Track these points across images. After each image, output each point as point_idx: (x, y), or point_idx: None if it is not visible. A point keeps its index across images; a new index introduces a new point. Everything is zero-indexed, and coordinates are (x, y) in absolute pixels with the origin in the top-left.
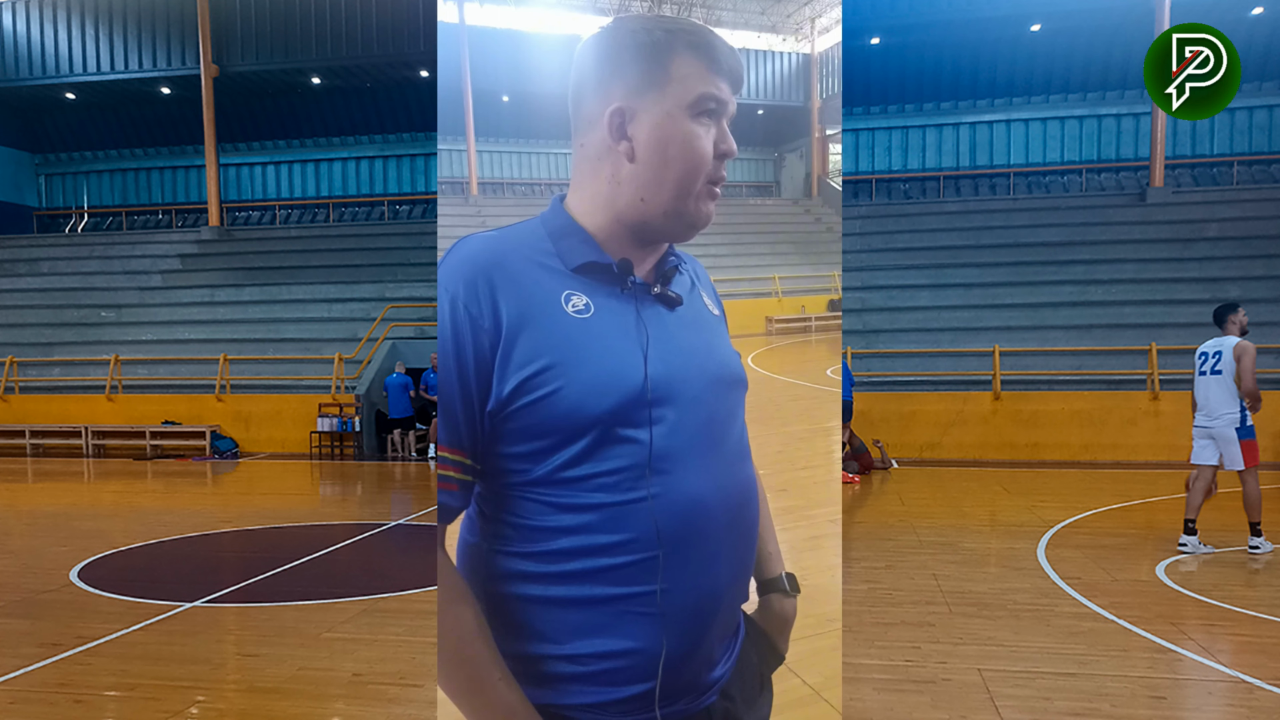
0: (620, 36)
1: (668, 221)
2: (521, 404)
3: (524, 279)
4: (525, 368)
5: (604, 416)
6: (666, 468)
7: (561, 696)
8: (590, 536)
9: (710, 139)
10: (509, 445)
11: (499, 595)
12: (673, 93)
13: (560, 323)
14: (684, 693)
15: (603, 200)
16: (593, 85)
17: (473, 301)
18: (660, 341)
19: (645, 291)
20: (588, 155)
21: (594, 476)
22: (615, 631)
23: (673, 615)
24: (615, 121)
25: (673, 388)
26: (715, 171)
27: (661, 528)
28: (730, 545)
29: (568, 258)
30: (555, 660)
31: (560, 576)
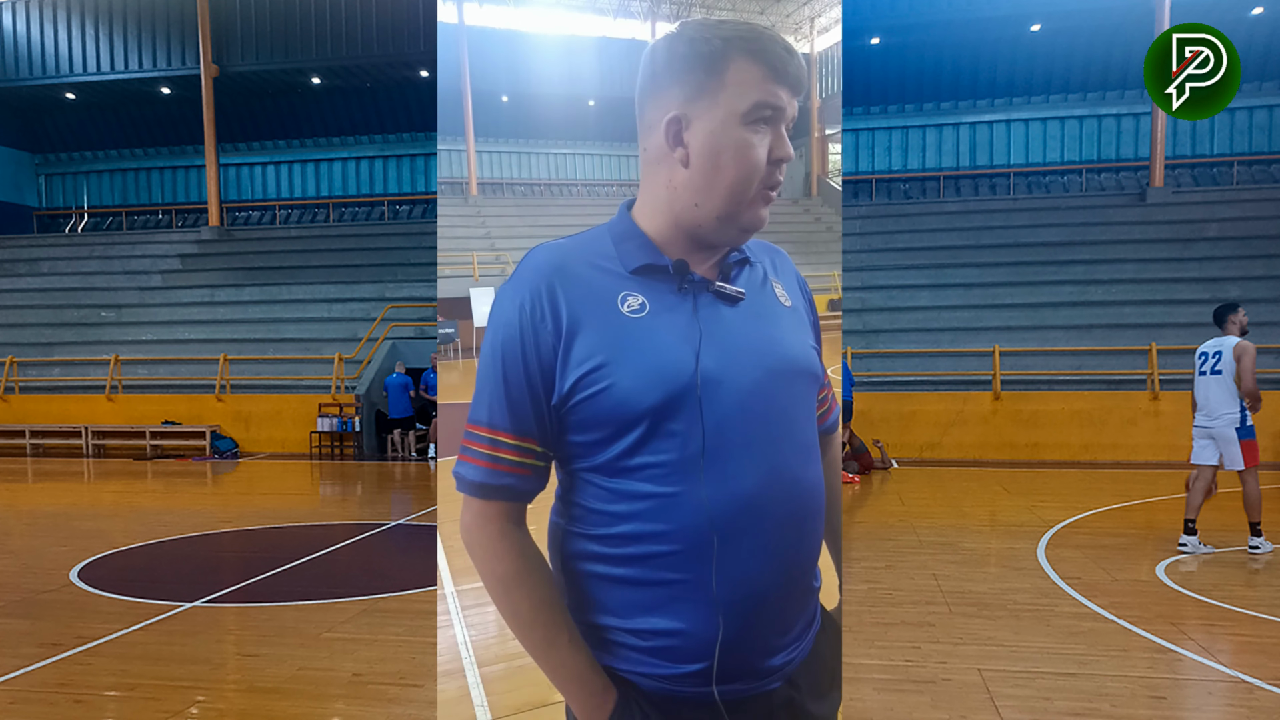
0: (679, 44)
1: (721, 226)
2: (579, 398)
3: (584, 282)
4: (582, 365)
5: (652, 410)
6: (716, 461)
7: (625, 663)
8: (642, 524)
9: (764, 146)
10: (575, 434)
11: (571, 571)
12: (726, 100)
13: (614, 322)
14: (739, 676)
15: (661, 204)
16: (652, 92)
17: (537, 305)
18: (714, 337)
19: (704, 289)
20: (649, 160)
21: (645, 467)
22: (667, 612)
23: (725, 604)
24: (672, 129)
25: (725, 382)
26: (770, 177)
27: (709, 520)
28: (784, 540)
29: (626, 260)
30: (618, 632)
31: (620, 558)
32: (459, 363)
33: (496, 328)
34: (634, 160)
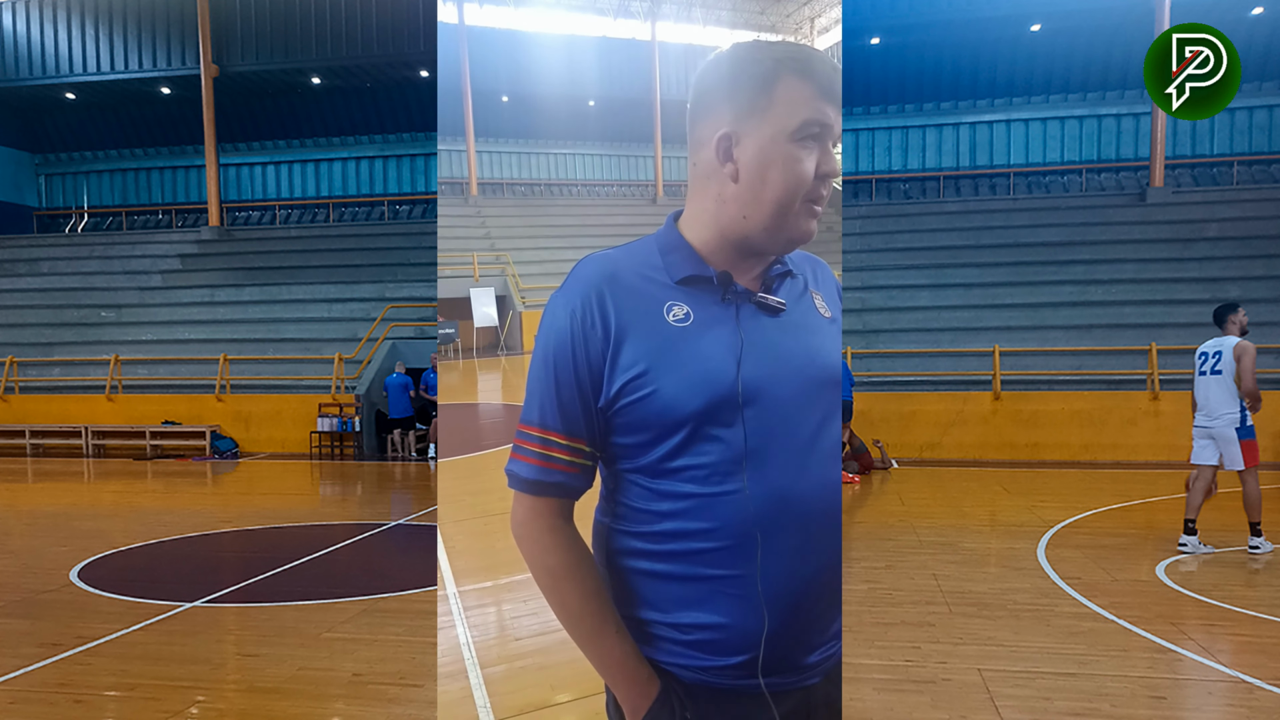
0: (731, 64)
1: (768, 237)
2: (625, 402)
3: (632, 292)
4: (628, 371)
5: (695, 415)
6: (756, 464)
7: (670, 656)
8: (684, 522)
9: (812, 161)
10: (620, 436)
11: (616, 567)
12: (776, 118)
13: (660, 331)
14: (779, 669)
15: (709, 217)
16: (705, 109)
17: (588, 313)
18: (756, 347)
19: (746, 300)
20: (699, 174)
21: (688, 469)
22: (710, 607)
23: (766, 598)
24: (723, 145)
25: (764, 390)
26: (816, 190)
27: (750, 519)
28: (818, 540)
29: (673, 271)
30: (662, 626)
31: (662, 555)
32: (459, 363)
33: (549, 333)
34: (633, 159)
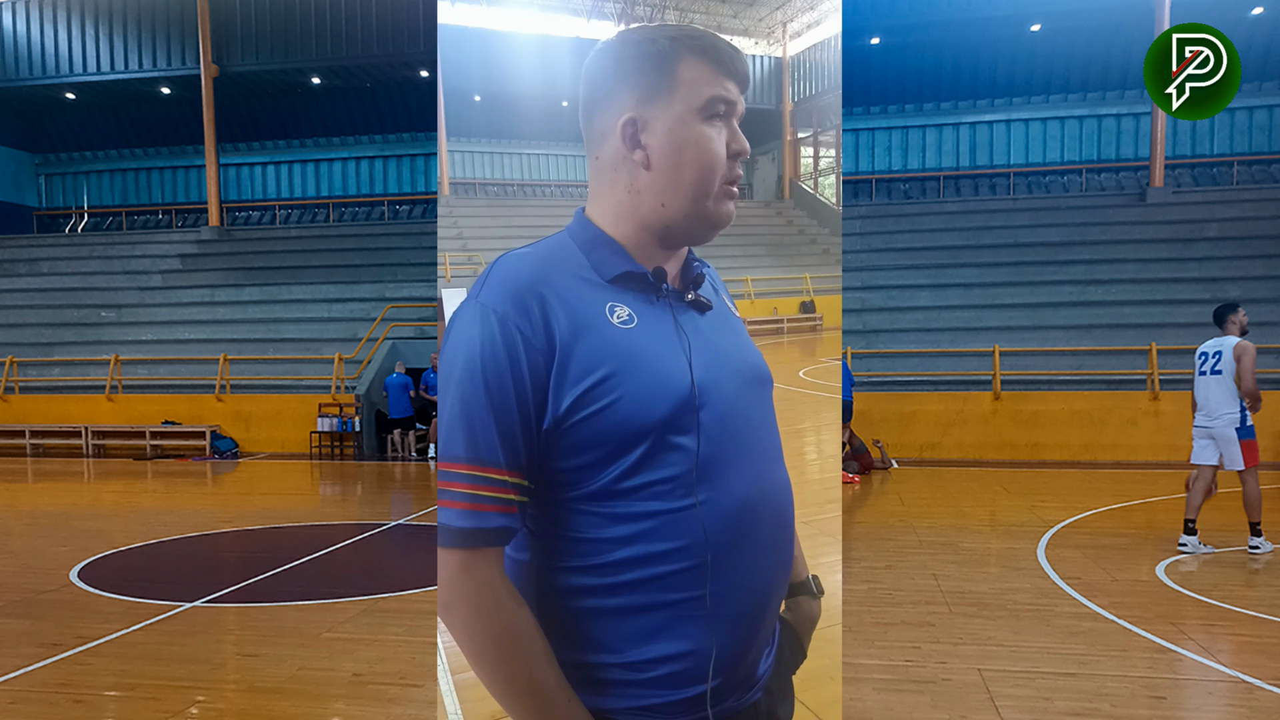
0: (626, 48)
1: (689, 224)
2: (579, 417)
3: (569, 294)
4: (582, 381)
5: (658, 424)
6: (713, 472)
7: (619, 701)
8: (645, 545)
9: (723, 140)
10: (565, 460)
11: (554, 609)
12: (682, 98)
13: (609, 334)
14: (734, 690)
15: (625, 210)
16: (603, 98)
17: (524, 320)
18: (699, 347)
19: (679, 298)
20: (604, 167)
21: (648, 485)
22: (671, 635)
23: (725, 616)
24: (628, 131)
25: (713, 392)
26: (730, 171)
27: (710, 532)
28: (774, 545)
29: (603, 269)
30: (612, 668)
31: (616, 587)
32: None
33: (472, 346)
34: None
